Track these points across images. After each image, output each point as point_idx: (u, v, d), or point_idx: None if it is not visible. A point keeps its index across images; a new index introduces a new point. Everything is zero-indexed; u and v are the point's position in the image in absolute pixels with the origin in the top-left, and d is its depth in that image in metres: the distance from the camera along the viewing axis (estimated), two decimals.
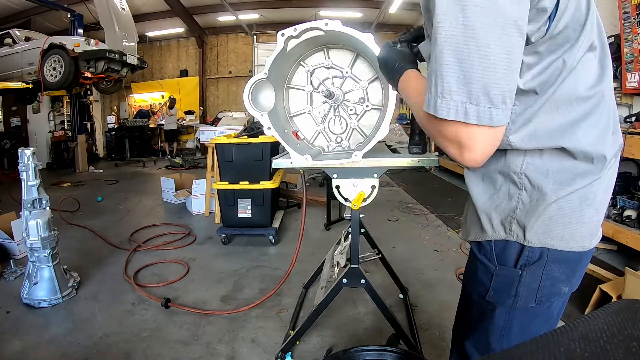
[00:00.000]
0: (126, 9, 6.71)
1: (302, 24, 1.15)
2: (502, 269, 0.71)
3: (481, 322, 0.78)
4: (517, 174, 0.67)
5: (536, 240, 0.67)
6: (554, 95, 0.61)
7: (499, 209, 0.70)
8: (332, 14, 8.80)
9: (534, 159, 0.65)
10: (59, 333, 1.92)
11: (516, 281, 0.70)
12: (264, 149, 2.93)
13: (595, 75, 0.63)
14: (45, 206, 2.22)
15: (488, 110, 0.53)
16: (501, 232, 0.70)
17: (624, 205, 2.72)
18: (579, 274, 0.72)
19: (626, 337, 0.31)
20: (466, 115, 0.53)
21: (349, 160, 1.22)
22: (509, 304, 0.72)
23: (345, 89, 1.37)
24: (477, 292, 0.77)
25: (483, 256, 0.74)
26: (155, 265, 2.76)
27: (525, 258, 0.69)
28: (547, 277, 0.68)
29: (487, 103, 0.53)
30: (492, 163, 0.69)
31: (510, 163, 0.67)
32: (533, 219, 0.66)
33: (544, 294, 0.70)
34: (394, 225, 3.70)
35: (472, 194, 0.74)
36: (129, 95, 10.68)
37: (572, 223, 0.66)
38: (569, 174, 0.64)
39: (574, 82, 0.61)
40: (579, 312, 2.01)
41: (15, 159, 2.51)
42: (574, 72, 0.60)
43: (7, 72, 6.56)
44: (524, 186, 0.67)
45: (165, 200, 4.69)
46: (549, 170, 0.65)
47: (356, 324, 1.99)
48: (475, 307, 0.80)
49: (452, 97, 0.54)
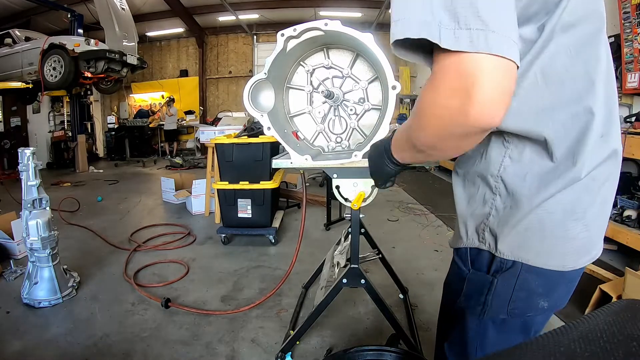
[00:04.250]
0: (126, 9, 6.71)
1: (301, 24, 1.15)
2: (475, 274, 0.67)
3: (455, 328, 0.74)
4: (494, 177, 0.62)
5: (508, 252, 0.62)
6: (540, 63, 0.54)
7: (474, 215, 0.66)
8: (332, 14, 8.80)
9: (512, 161, 0.60)
10: (59, 333, 1.92)
11: (486, 288, 0.65)
12: (264, 149, 2.93)
13: (598, 59, 0.57)
14: (45, 206, 2.22)
15: (483, 33, 0.43)
16: (475, 239, 0.66)
17: (624, 205, 2.72)
18: (563, 290, 0.65)
19: (626, 337, 0.31)
20: (457, 41, 0.43)
21: (349, 160, 1.21)
22: (477, 312, 0.67)
23: (345, 89, 1.37)
24: (451, 297, 0.74)
25: (459, 259, 0.71)
26: (155, 265, 2.76)
27: (497, 264, 0.64)
28: (520, 287, 0.62)
29: (481, 25, 0.43)
30: (474, 165, 0.66)
31: (489, 165, 0.62)
32: (507, 229, 0.61)
33: (517, 307, 0.64)
34: (394, 225, 3.70)
35: (455, 198, 0.71)
36: (129, 95, 10.69)
37: (552, 237, 0.60)
38: (547, 178, 0.58)
39: (568, 56, 0.54)
40: (579, 312, 2.01)
41: (15, 159, 2.51)
42: (563, 41, 0.54)
43: (7, 72, 6.56)
44: (499, 191, 0.62)
45: (165, 200, 4.69)
46: (528, 174, 0.59)
47: (356, 324, 1.99)
48: (449, 311, 0.76)
49: (440, 24, 0.45)
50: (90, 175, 6.98)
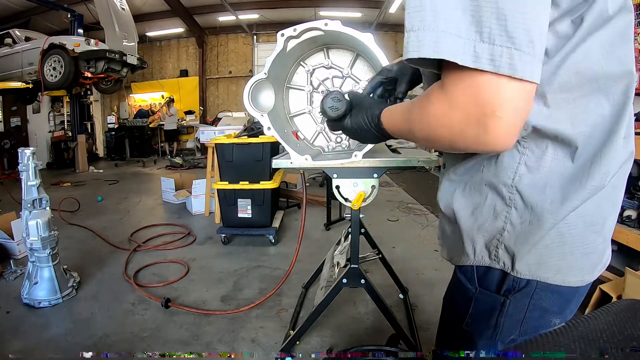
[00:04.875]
0: (126, 9, 6.71)
1: (301, 24, 1.15)
2: (483, 293, 0.61)
3: (459, 347, 0.68)
4: (507, 187, 0.54)
5: (527, 272, 0.56)
6: (573, 62, 0.48)
7: (482, 229, 0.58)
8: (332, 14, 8.80)
9: (529, 170, 0.53)
10: (59, 333, 1.92)
11: (497, 310, 0.59)
12: (264, 149, 2.93)
13: (629, 53, 0.51)
14: (45, 206, 2.22)
15: (508, 51, 0.39)
16: (485, 257, 0.59)
17: (624, 205, 2.71)
18: (574, 304, 0.62)
19: (626, 337, 0.31)
20: (477, 58, 0.39)
21: (349, 160, 1.21)
22: (487, 336, 0.62)
23: (345, 89, 1.37)
24: (455, 316, 0.68)
25: (463, 275, 0.64)
26: (155, 265, 2.76)
27: (509, 283, 0.58)
28: (534, 307, 0.58)
29: (506, 41, 0.39)
30: (478, 170, 0.58)
31: (501, 172, 0.55)
32: (526, 247, 0.55)
33: (530, 326, 0.59)
34: (394, 225, 3.69)
35: (453, 208, 0.62)
36: (129, 95, 10.69)
37: (573, 253, 0.55)
38: (570, 189, 0.52)
39: (603, 52, 0.49)
40: (579, 312, 2.01)
41: (15, 159, 2.51)
42: (601, 36, 0.48)
43: (7, 72, 6.56)
44: (514, 203, 0.54)
45: (165, 200, 4.69)
46: (547, 184, 0.52)
47: (356, 324, 1.99)
48: (454, 331, 0.70)
49: (460, 34, 0.40)
50: (90, 175, 6.99)
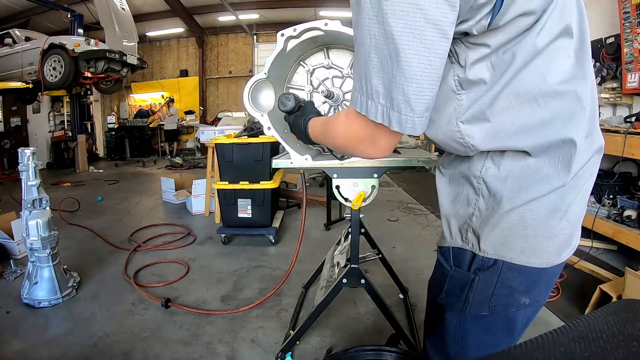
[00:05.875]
0: (126, 9, 6.71)
1: (301, 24, 1.15)
2: (456, 271, 0.68)
3: (437, 324, 0.75)
4: (477, 179, 0.63)
5: (492, 251, 0.62)
6: (511, 88, 0.55)
7: (458, 215, 0.67)
8: (332, 14, 8.79)
9: (494, 163, 0.61)
10: (59, 333, 1.92)
11: (467, 285, 0.65)
12: (264, 149, 2.93)
13: (570, 67, 0.55)
14: (45, 206, 2.22)
15: (411, 119, 0.53)
16: (458, 239, 0.67)
17: (624, 205, 2.72)
18: (544, 285, 0.66)
19: (626, 337, 0.31)
20: (389, 122, 0.54)
21: (349, 160, 1.22)
22: (458, 308, 0.68)
23: (345, 89, 1.37)
24: (433, 293, 0.75)
25: (442, 256, 0.72)
26: (155, 265, 2.76)
27: (478, 262, 0.64)
28: (502, 285, 0.63)
29: (409, 112, 0.52)
30: (459, 166, 0.67)
31: (472, 166, 0.63)
32: (488, 228, 0.62)
33: (498, 303, 0.65)
34: (394, 225, 3.69)
35: (439, 197, 0.72)
36: (129, 95, 10.70)
37: (536, 237, 0.60)
38: (530, 181, 0.59)
39: (538, 74, 0.54)
40: (579, 312, 2.01)
41: (15, 159, 2.51)
42: (534, 63, 0.53)
43: (7, 72, 6.56)
44: (482, 192, 0.63)
45: (165, 200, 4.69)
46: (509, 176, 0.59)
47: (356, 324, 1.99)
48: (432, 308, 0.77)
49: (379, 100, 0.53)
50: (90, 175, 6.99)
